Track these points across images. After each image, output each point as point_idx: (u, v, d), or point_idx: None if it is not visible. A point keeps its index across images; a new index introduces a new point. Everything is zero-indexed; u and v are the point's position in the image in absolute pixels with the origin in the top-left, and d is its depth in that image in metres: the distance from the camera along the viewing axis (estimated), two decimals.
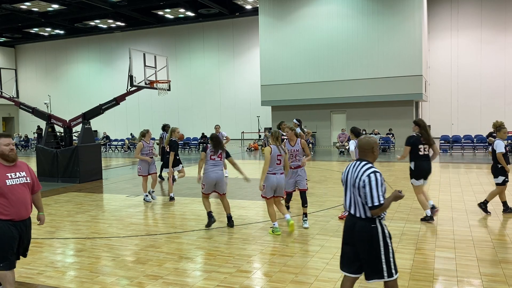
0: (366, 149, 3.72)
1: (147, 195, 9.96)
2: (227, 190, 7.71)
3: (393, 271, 3.62)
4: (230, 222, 7.45)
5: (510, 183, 7.94)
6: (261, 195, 7.01)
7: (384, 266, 3.58)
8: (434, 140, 7.72)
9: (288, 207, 7.76)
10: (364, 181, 3.53)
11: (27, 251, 4.50)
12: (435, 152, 7.50)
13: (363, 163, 3.68)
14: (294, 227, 6.85)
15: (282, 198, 7.13)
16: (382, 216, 3.65)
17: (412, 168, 7.42)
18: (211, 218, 7.40)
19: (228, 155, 7.56)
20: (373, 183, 3.49)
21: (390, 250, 3.63)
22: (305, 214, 7.39)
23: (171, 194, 10.20)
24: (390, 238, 3.67)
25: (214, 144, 7.44)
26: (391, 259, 3.62)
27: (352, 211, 3.70)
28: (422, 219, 7.43)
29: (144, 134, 10.00)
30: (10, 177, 4.21)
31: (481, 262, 5.34)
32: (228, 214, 7.51)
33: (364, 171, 3.57)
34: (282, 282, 4.89)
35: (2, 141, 4.22)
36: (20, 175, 4.29)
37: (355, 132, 7.89)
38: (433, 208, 7.42)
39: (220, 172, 7.43)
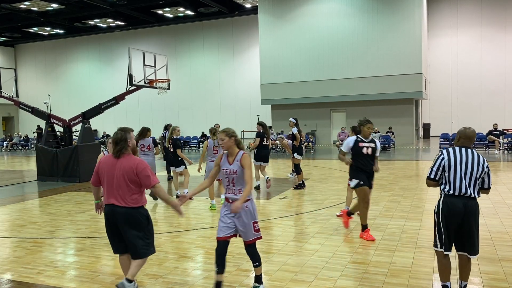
0: (472, 139, 4.22)
1: None
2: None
3: None
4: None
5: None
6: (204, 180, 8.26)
7: (477, 242, 4.15)
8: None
9: None
10: (488, 167, 4.13)
11: None
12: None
13: (475, 151, 4.18)
14: (214, 209, 8.49)
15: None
16: None
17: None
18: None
19: (155, 144, 9.44)
20: (490, 169, 4.18)
21: None
22: (256, 277, 4.48)
23: (185, 191, 9.59)
24: None
25: (141, 133, 9.22)
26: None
27: (466, 192, 4.06)
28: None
29: None
30: None
31: (481, 260, 5.33)
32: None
33: (484, 160, 4.14)
34: (281, 281, 4.89)
35: (133, 136, 4.30)
36: None
37: (356, 131, 7.91)
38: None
39: (151, 159, 9.18)
